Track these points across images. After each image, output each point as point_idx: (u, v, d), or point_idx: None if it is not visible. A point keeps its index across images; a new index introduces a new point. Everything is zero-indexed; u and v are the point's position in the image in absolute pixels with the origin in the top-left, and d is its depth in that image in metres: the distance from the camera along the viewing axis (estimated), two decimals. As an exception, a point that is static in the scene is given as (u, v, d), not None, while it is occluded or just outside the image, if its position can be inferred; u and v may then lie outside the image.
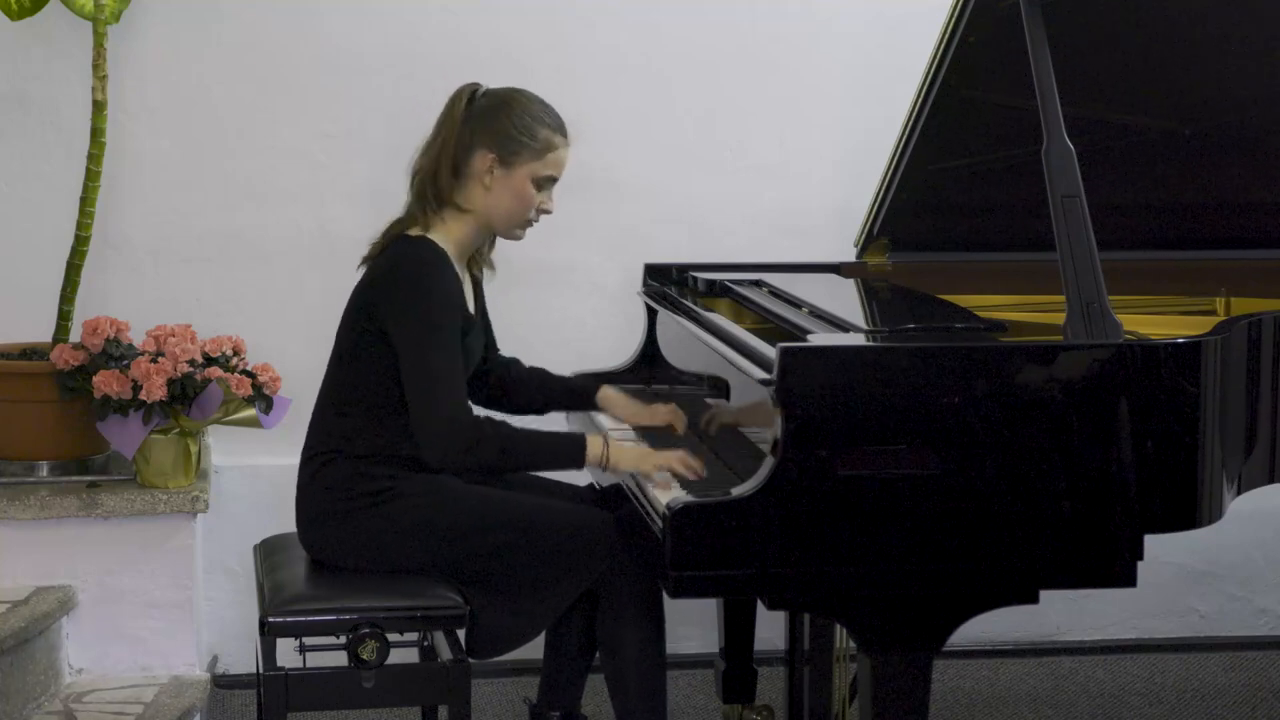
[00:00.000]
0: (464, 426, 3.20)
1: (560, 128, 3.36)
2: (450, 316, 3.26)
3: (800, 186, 4.46)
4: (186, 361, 3.87)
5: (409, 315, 3.22)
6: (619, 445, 3.29)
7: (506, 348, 3.71)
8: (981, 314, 3.21)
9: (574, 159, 4.33)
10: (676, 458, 3.21)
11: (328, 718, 3.55)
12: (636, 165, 4.42)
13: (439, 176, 3.31)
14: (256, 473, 4.27)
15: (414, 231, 3.33)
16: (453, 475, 3.36)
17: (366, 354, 3.29)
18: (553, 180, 3.38)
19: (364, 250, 3.41)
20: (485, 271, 3.54)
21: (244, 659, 4.20)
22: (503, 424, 3.25)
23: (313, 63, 4.32)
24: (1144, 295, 3.71)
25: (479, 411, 3.36)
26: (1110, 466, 2.90)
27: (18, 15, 4.04)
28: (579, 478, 3.67)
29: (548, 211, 3.40)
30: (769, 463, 2.84)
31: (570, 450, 3.28)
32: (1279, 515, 4.56)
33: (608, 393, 3.65)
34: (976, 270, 3.92)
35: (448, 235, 3.34)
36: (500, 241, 4.27)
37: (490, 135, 3.31)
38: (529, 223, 3.40)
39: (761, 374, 2.94)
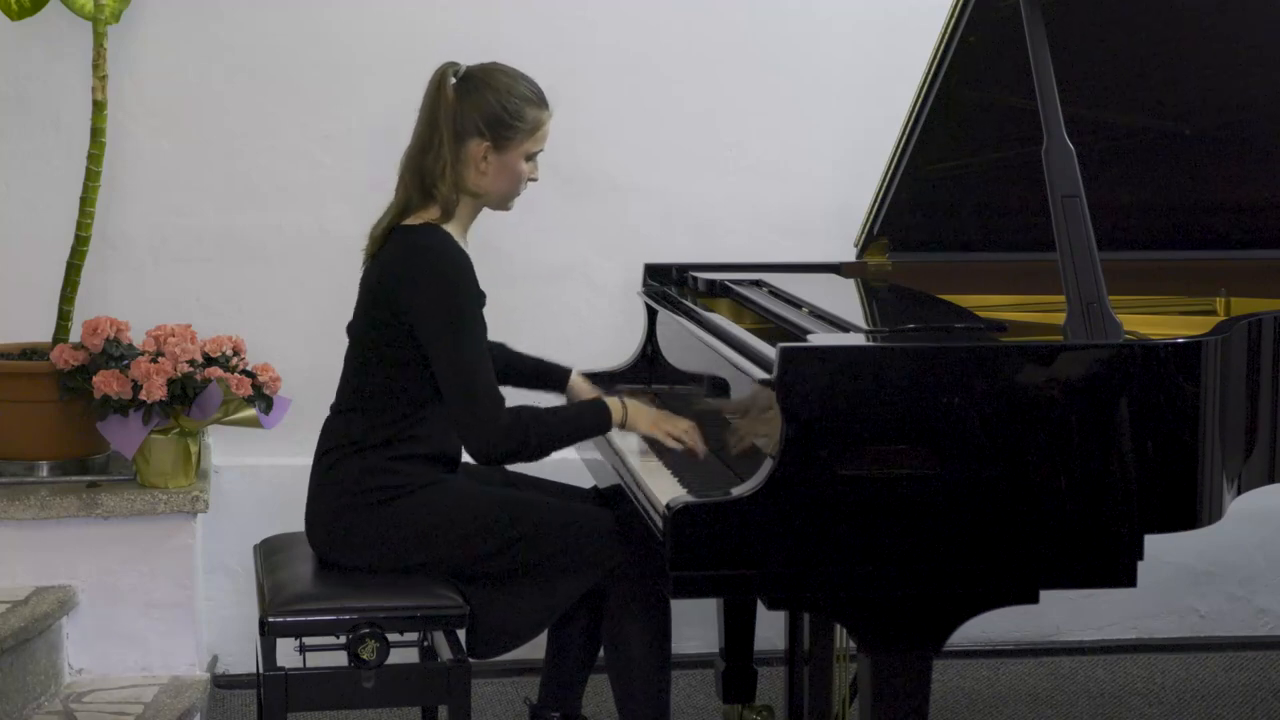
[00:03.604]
0: (508, 425, 3.20)
1: (543, 101, 3.36)
2: (475, 303, 3.26)
3: (800, 186, 4.46)
4: (186, 361, 3.88)
5: (436, 308, 3.22)
6: (636, 406, 3.33)
7: (506, 347, 3.72)
8: (981, 314, 3.21)
9: (575, 159, 4.36)
10: (686, 427, 3.29)
11: (328, 718, 3.55)
12: (636, 165, 4.42)
13: (440, 165, 3.30)
14: (256, 473, 4.27)
15: (414, 220, 3.33)
16: (464, 476, 3.39)
17: (381, 349, 3.29)
18: (540, 151, 3.38)
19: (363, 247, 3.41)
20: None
21: (244, 659, 4.20)
22: (536, 412, 3.25)
23: (313, 63, 4.32)
24: (1144, 295, 3.71)
25: None
26: (1110, 466, 2.90)
27: (18, 15, 4.04)
28: (581, 479, 3.68)
29: (534, 180, 3.40)
30: (769, 463, 2.84)
31: (597, 420, 3.31)
32: (1279, 515, 4.56)
33: (577, 381, 3.67)
34: (976, 270, 3.92)
35: (450, 219, 3.34)
36: (500, 243, 4.27)
37: (482, 121, 3.29)
38: (519, 194, 3.40)
39: (761, 374, 2.94)
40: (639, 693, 3.30)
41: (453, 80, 3.32)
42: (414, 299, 3.23)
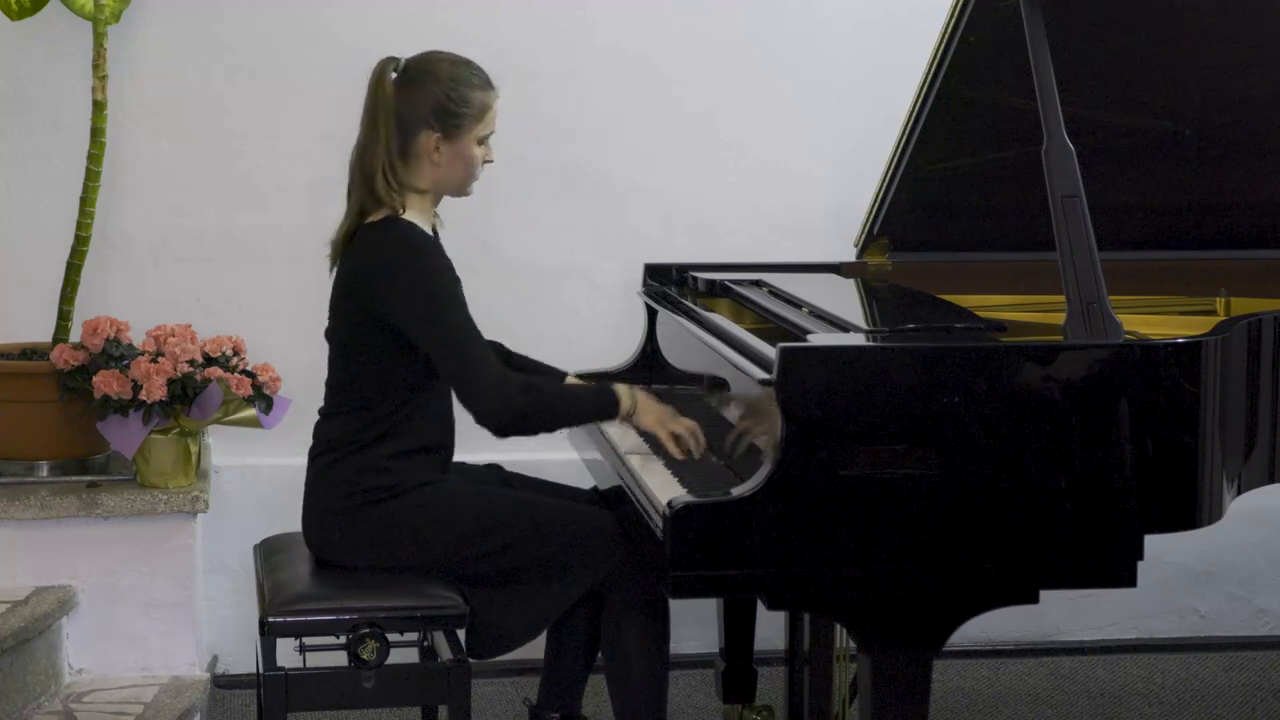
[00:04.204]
0: (514, 394, 3.20)
1: (488, 83, 3.33)
2: (452, 280, 3.26)
3: (800, 186, 4.46)
4: (186, 361, 3.88)
5: (413, 294, 3.21)
6: (645, 400, 3.33)
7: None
8: (981, 314, 3.21)
9: (575, 159, 4.36)
10: (689, 426, 3.29)
11: (328, 718, 3.55)
12: (637, 165, 4.42)
13: (391, 165, 3.28)
14: (256, 473, 4.27)
15: (377, 217, 3.30)
16: (459, 477, 3.39)
17: (364, 349, 3.28)
18: (491, 133, 3.36)
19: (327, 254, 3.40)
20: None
21: (244, 659, 4.20)
22: (543, 384, 3.28)
23: (314, 63, 4.32)
24: (1144, 295, 3.71)
25: None
26: (1110, 466, 2.90)
27: (18, 15, 4.04)
28: (581, 479, 3.68)
29: (490, 161, 3.38)
30: (769, 463, 2.84)
31: (606, 405, 3.31)
32: (1279, 515, 4.56)
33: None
34: (976, 270, 3.92)
35: (412, 211, 3.32)
36: (500, 243, 4.28)
37: (429, 114, 3.27)
38: (476, 177, 3.38)
39: (761, 374, 2.94)
40: (637, 694, 3.29)
41: (393, 75, 3.30)
42: (388, 291, 3.22)
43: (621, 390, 3.32)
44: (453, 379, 3.24)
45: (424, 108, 3.28)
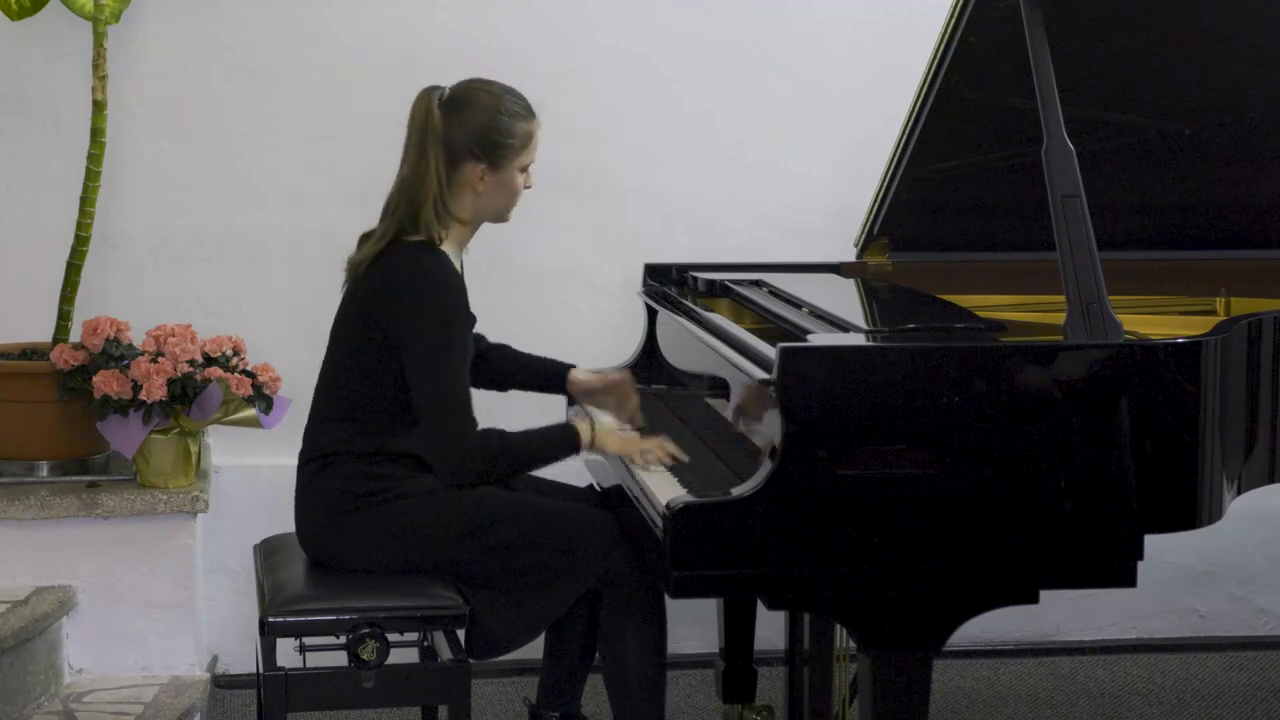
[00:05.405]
0: (477, 450, 3.22)
1: (531, 113, 3.34)
2: (463, 327, 3.27)
3: (800, 186, 4.46)
4: (186, 361, 3.88)
5: (425, 331, 3.21)
6: (604, 429, 3.34)
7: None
8: (981, 314, 3.21)
9: (575, 159, 4.36)
10: (657, 443, 3.28)
11: (328, 718, 3.55)
12: (637, 165, 4.42)
13: (442, 195, 3.27)
14: (256, 473, 4.27)
15: (412, 237, 3.30)
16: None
17: (369, 362, 3.27)
18: (532, 161, 3.37)
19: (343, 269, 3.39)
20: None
21: (244, 659, 4.20)
22: (503, 438, 3.26)
23: (313, 63, 4.32)
24: (1144, 295, 3.71)
25: None
26: (1110, 466, 2.90)
27: (18, 15, 4.04)
28: (580, 478, 3.68)
29: (529, 188, 3.39)
30: (769, 463, 2.84)
31: (565, 443, 3.31)
32: (1279, 515, 4.56)
33: (575, 375, 3.65)
34: (976, 270, 3.92)
35: (448, 238, 3.32)
36: (500, 243, 4.27)
37: (475, 145, 3.27)
38: (515, 205, 3.39)
39: (761, 374, 2.94)
40: (636, 694, 3.29)
41: (439, 105, 3.29)
42: (403, 320, 3.22)
43: (581, 428, 3.32)
44: (427, 424, 3.24)
45: (469, 138, 3.28)
